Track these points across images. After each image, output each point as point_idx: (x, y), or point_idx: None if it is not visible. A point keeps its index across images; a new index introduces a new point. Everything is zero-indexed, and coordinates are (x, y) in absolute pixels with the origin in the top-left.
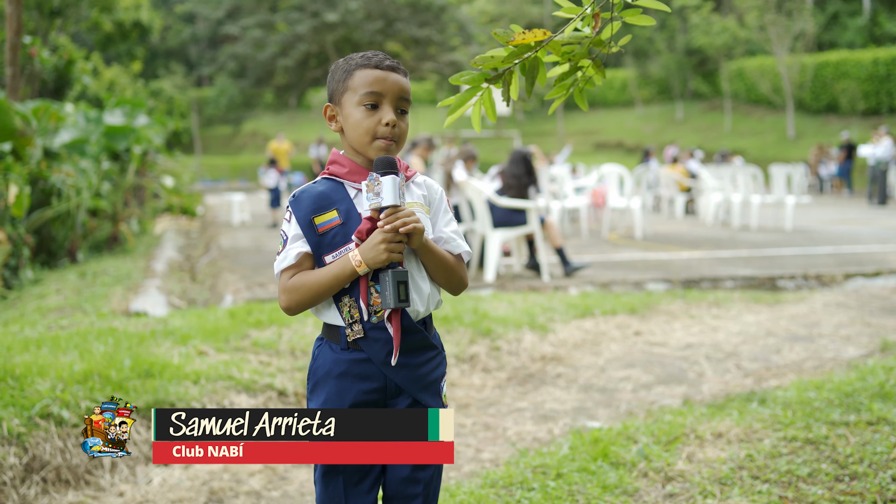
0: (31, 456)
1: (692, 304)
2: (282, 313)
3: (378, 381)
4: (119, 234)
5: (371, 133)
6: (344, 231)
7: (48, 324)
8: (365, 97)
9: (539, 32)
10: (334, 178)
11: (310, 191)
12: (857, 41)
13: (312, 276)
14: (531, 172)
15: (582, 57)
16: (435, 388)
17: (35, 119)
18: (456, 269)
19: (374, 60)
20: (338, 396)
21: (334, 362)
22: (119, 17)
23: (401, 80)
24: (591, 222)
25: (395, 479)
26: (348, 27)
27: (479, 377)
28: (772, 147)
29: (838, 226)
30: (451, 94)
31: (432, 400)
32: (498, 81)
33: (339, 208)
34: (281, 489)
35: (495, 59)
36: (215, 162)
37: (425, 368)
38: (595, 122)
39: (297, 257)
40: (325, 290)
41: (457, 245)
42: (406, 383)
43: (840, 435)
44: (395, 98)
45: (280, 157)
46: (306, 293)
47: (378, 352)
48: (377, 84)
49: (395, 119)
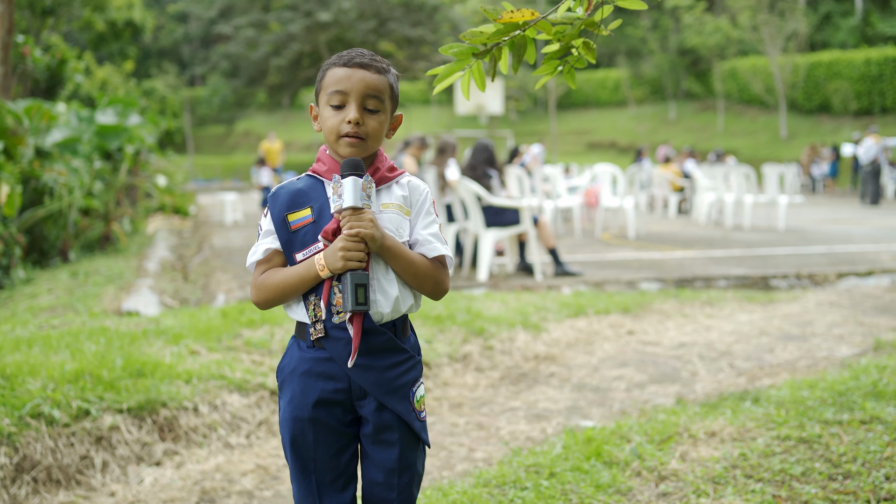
0: (21, 456)
1: (685, 303)
2: (274, 313)
3: (342, 381)
4: (111, 233)
5: (336, 132)
6: (315, 229)
7: (40, 323)
8: (331, 96)
9: (527, 12)
10: (315, 176)
11: (288, 187)
12: (850, 41)
13: (280, 274)
14: (492, 163)
15: (573, 38)
16: (403, 392)
17: (27, 118)
18: (428, 274)
19: (345, 58)
20: (302, 394)
21: (300, 360)
22: (111, 17)
23: (368, 76)
24: (584, 222)
25: (370, 483)
26: (341, 27)
27: (472, 376)
28: (764, 147)
29: (831, 225)
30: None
31: (400, 405)
32: (486, 56)
33: (312, 206)
34: (273, 489)
35: (483, 35)
36: (208, 161)
37: (392, 372)
38: (588, 121)
39: (265, 253)
40: (291, 290)
41: (432, 248)
42: (370, 386)
43: (833, 434)
44: (360, 95)
45: (271, 157)
46: (273, 291)
47: (340, 351)
48: (342, 82)
49: (358, 117)
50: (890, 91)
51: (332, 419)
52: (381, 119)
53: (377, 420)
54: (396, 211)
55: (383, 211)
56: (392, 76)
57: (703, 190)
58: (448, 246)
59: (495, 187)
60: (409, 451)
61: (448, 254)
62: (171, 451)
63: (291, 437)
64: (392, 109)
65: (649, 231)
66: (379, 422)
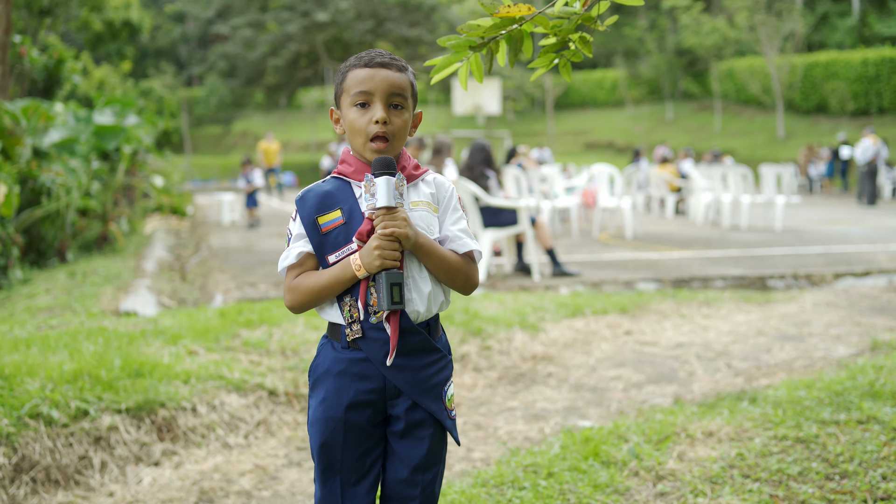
0: (20, 456)
1: (682, 303)
2: (272, 313)
3: (377, 381)
4: (109, 233)
5: (363, 133)
6: (347, 231)
7: (38, 323)
8: (356, 97)
9: (524, 7)
10: (342, 178)
11: (315, 190)
12: (847, 42)
13: (314, 277)
14: (489, 164)
15: (569, 32)
16: (437, 392)
17: (25, 118)
18: (460, 269)
19: (365, 59)
20: (336, 395)
21: (334, 360)
22: (109, 17)
23: (391, 75)
24: (581, 222)
25: (394, 480)
26: (339, 27)
27: (469, 377)
28: (761, 147)
29: (828, 226)
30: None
31: (433, 404)
32: (483, 49)
33: (342, 208)
34: (272, 489)
35: (481, 28)
36: (205, 162)
37: (427, 372)
38: (585, 122)
39: (298, 257)
40: (327, 292)
41: (463, 244)
42: (405, 386)
43: (830, 434)
44: (385, 94)
45: (269, 157)
46: (308, 294)
47: (376, 352)
48: (366, 83)
49: (385, 116)
50: (887, 91)
51: (363, 420)
52: (406, 117)
53: (409, 418)
54: (426, 208)
55: (413, 209)
56: (411, 74)
57: (701, 190)
58: (476, 241)
59: (493, 188)
60: (438, 448)
61: (478, 248)
62: (170, 452)
63: (322, 438)
64: (413, 107)
65: (647, 231)
66: (411, 419)
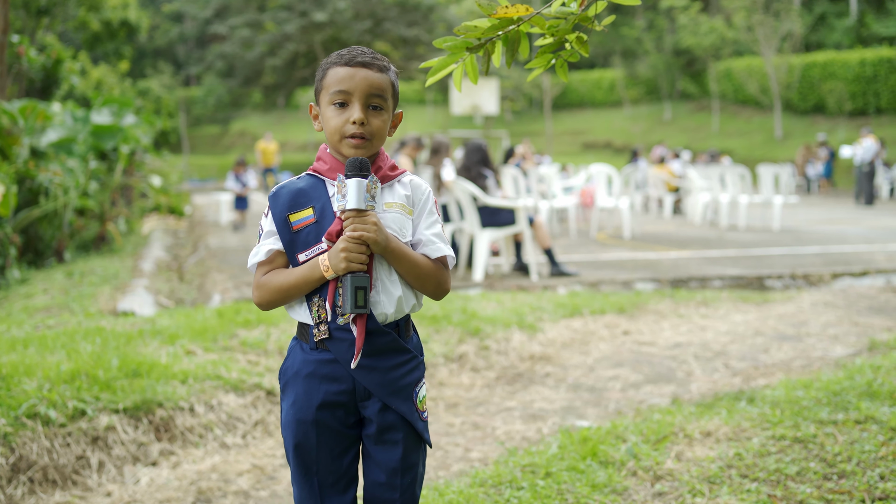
0: (17, 456)
1: (680, 303)
2: (271, 313)
3: (346, 383)
4: (106, 233)
5: (340, 132)
6: (318, 229)
7: (35, 323)
8: (335, 95)
9: (522, 8)
10: (317, 175)
11: (289, 187)
12: (845, 42)
13: (283, 275)
14: (486, 163)
15: (566, 32)
16: (407, 392)
17: (22, 118)
18: (431, 275)
19: (346, 57)
20: (305, 397)
21: (303, 362)
22: (106, 16)
23: (371, 75)
24: (579, 222)
25: (373, 484)
26: (336, 27)
27: (467, 376)
28: (759, 147)
29: (826, 226)
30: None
31: (404, 405)
32: (480, 50)
33: (314, 206)
34: (269, 489)
35: (478, 29)
36: (203, 161)
37: (396, 373)
38: (583, 122)
39: (267, 254)
40: (295, 291)
41: (436, 249)
42: (374, 386)
43: (828, 433)
44: (364, 95)
45: (268, 157)
46: (275, 292)
47: (344, 353)
48: (345, 82)
49: (362, 117)
50: (885, 92)
51: (336, 421)
52: (385, 118)
53: (381, 420)
54: (399, 210)
55: (386, 210)
56: (392, 74)
57: (699, 190)
58: (449, 246)
59: (491, 187)
60: (412, 451)
61: (450, 254)
62: (168, 452)
63: (295, 440)
64: (393, 107)
65: (644, 231)
66: (382, 422)
